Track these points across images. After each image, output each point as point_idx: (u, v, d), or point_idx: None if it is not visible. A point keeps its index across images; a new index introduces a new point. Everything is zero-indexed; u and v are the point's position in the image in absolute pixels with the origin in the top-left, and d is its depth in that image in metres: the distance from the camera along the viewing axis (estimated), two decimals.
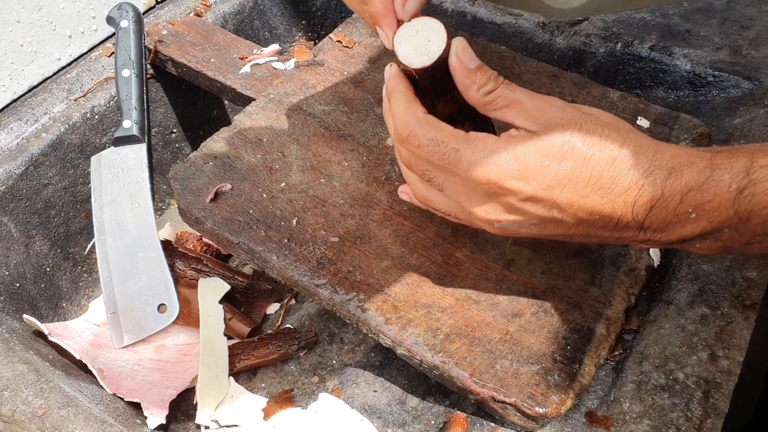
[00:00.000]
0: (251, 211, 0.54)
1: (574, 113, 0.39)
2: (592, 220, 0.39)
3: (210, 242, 0.68)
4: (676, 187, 0.36)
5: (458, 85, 0.42)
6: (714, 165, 0.36)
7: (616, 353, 0.48)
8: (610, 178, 0.37)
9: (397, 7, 0.43)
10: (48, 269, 0.66)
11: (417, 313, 0.48)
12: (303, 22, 0.89)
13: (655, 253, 0.51)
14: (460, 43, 0.41)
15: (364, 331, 0.48)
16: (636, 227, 0.38)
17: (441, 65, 0.41)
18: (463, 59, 0.40)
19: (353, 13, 0.74)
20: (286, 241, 0.52)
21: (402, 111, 0.42)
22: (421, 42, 0.41)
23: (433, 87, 0.43)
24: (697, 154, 0.37)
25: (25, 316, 0.59)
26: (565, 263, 0.50)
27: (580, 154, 0.38)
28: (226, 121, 0.83)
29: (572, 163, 0.38)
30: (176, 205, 0.56)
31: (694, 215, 0.36)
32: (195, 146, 0.80)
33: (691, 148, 0.38)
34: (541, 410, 0.43)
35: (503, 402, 0.44)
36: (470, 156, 0.39)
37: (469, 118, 0.44)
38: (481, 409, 0.47)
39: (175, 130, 0.78)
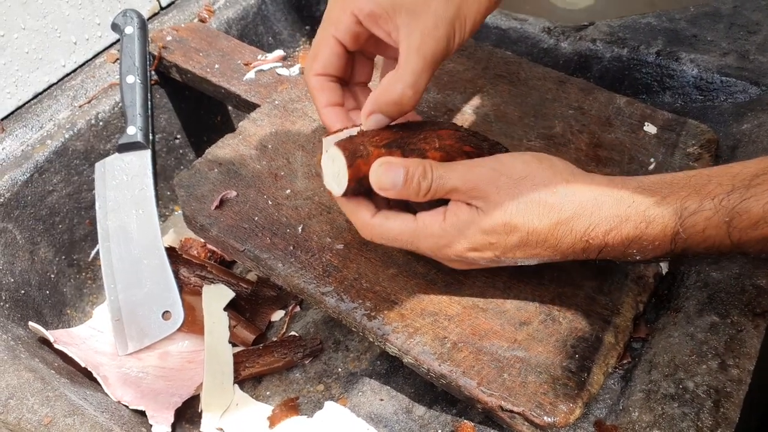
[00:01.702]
0: (256, 218, 0.54)
1: (509, 184, 0.42)
2: (551, 261, 0.44)
3: (214, 249, 0.68)
4: (617, 239, 0.41)
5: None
6: (648, 219, 0.40)
7: (625, 362, 0.47)
8: (555, 240, 0.42)
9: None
10: (52, 276, 0.66)
11: (424, 321, 0.47)
12: (307, 27, 0.89)
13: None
14: (375, 175, 0.42)
15: (371, 340, 0.48)
16: (587, 260, 0.44)
17: (358, 187, 0.43)
18: (387, 186, 0.42)
19: None
20: (291, 248, 0.52)
21: (354, 220, 0.45)
22: (336, 170, 0.43)
23: (370, 193, 0.44)
24: (632, 205, 0.40)
25: (30, 323, 0.59)
26: (572, 271, 0.50)
27: (523, 229, 0.42)
28: (230, 127, 0.83)
29: (518, 236, 0.42)
30: (180, 212, 0.56)
31: (638, 256, 0.42)
32: (199, 152, 0.80)
33: (626, 192, 0.41)
34: (549, 419, 0.43)
35: (511, 411, 0.43)
36: (425, 243, 0.44)
37: None
38: (489, 419, 0.46)
39: (179, 136, 0.78)
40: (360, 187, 0.44)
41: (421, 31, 0.42)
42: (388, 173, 0.42)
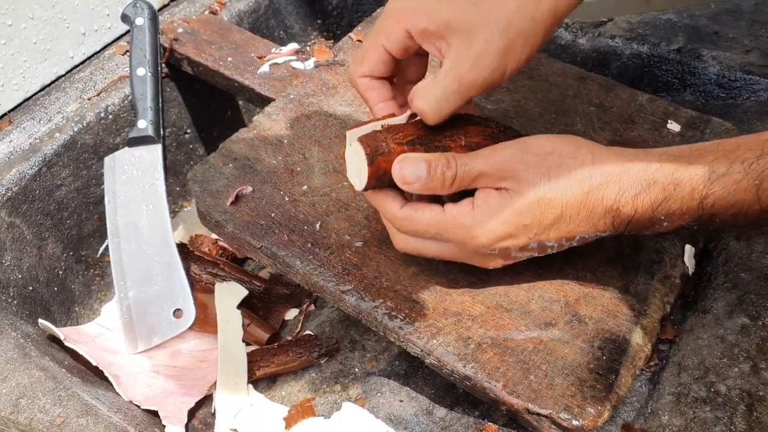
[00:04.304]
0: (273, 215, 0.52)
1: (536, 161, 0.41)
2: (579, 238, 0.44)
3: (225, 245, 0.66)
4: (646, 203, 0.40)
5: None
6: (676, 181, 0.40)
7: (652, 364, 0.46)
8: (588, 211, 0.41)
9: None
10: (60, 272, 0.64)
11: (446, 321, 0.46)
12: (319, 21, 0.88)
13: (689, 261, 0.50)
14: (398, 171, 0.42)
15: (391, 340, 0.47)
16: (617, 233, 0.43)
17: (378, 184, 0.43)
18: (411, 180, 0.41)
19: (371, 12, 0.73)
20: (309, 245, 0.50)
21: (383, 212, 0.45)
22: (358, 165, 0.43)
23: (397, 187, 0.43)
24: (660, 169, 0.40)
25: (40, 320, 0.57)
26: (598, 270, 0.49)
27: (557, 204, 0.41)
28: (241, 122, 0.82)
29: (553, 213, 0.41)
30: (190, 208, 0.54)
31: (666, 223, 0.41)
32: (209, 147, 0.78)
33: (653, 157, 0.41)
34: (577, 423, 0.41)
35: (538, 414, 0.42)
36: (455, 235, 0.42)
37: None
38: (513, 421, 0.45)
39: (189, 131, 0.77)
40: (381, 184, 0.43)
41: (467, 57, 0.41)
42: (410, 167, 0.42)
